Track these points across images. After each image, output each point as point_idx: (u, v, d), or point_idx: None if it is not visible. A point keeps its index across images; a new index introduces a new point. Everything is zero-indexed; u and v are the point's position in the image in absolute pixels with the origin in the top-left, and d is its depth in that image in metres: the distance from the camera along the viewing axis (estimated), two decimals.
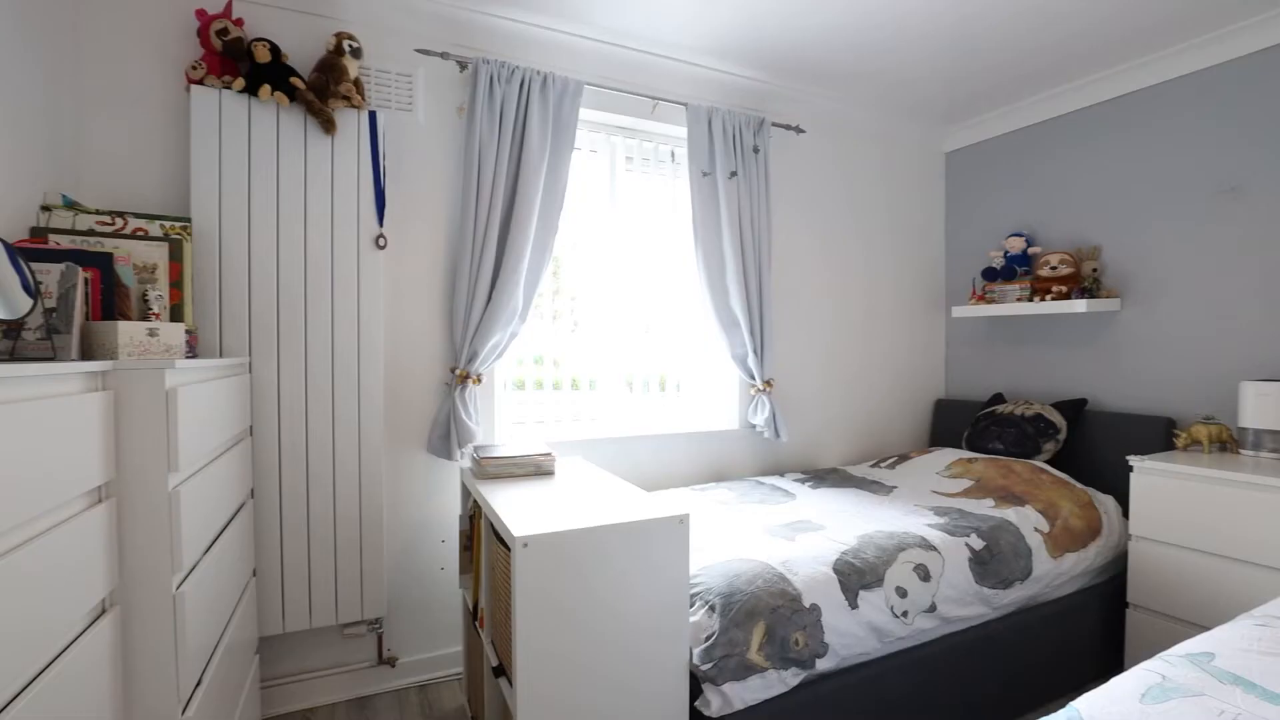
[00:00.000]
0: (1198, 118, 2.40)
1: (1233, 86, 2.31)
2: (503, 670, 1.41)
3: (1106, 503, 2.28)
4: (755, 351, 2.59)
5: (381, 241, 1.98)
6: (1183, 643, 1.23)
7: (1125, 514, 2.24)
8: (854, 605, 1.59)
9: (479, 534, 1.68)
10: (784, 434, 2.63)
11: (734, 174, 2.54)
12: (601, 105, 2.43)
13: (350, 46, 1.91)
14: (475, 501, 1.72)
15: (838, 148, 3.03)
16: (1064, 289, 2.65)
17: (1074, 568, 2.07)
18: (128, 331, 1.16)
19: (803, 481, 2.49)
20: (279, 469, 1.85)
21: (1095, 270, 2.67)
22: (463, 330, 2.12)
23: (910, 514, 2.06)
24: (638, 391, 2.64)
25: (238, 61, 1.83)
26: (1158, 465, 2.09)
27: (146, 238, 1.56)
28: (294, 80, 1.83)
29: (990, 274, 2.95)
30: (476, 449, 1.87)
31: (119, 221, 1.58)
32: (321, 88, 1.88)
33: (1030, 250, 2.88)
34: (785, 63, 2.56)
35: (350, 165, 1.93)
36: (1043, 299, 2.70)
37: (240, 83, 1.78)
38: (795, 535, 1.82)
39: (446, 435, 2.10)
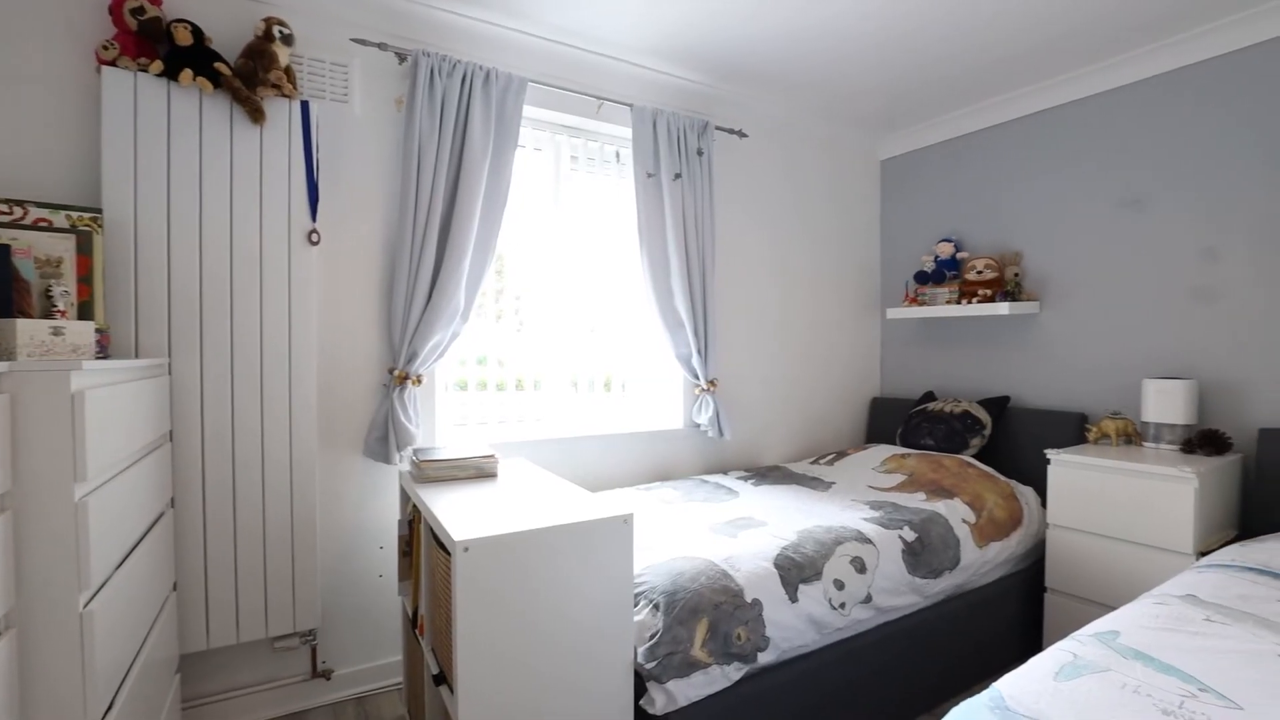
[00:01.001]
0: (1106, 135, 2.58)
1: (1137, 107, 2.49)
2: (444, 678, 1.38)
3: (1027, 494, 2.42)
4: (699, 352, 2.62)
5: (315, 237, 1.90)
6: (1092, 623, 1.32)
7: (1044, 504, 2.39)
8: (794, 599, 1.63)
9: (418, 539, 1.64)
10: (728, 433, 2.68)
11: (678, 176, 2.57)
12: (546, 103, 2.41)
13: (281, 32, 1.83)
14: (414, 506, 1.68)
15: (779, 152, 3.10)
16: (989, 292, 2.80)
17: (998, 556, 2.19)
18: (28, 330, 1.08)
19: (746, 479, 2.54)
20: (202, 476, 1.75)
21: (1017, 275, 2.83)
22: (402, 330, 2.06)
23: (848, 509, 2.13)
24: (583, 392, 2.63)
25: (155, 43, 1.72)
26: (1071, 458, 2.23)
27: (50, 229, 1.45)
28: (219, 66, 1.74)
29: (922, 277, 3.09)
30: (416, 452, 1.82)
31: (18, 211, 1.46)
32: (249, 75, 1.79)
33: (959, 255, 3.02)
34: (729, 67, 2.61)
35: (281, 157, 1.84)
36: (969, 301, 2.84)
37: (158, 65, 1.68)
38: (738, 532, 1.85)
39: (384, 438, 2.04)
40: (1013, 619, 2.26)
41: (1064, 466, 2.25)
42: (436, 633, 1.45)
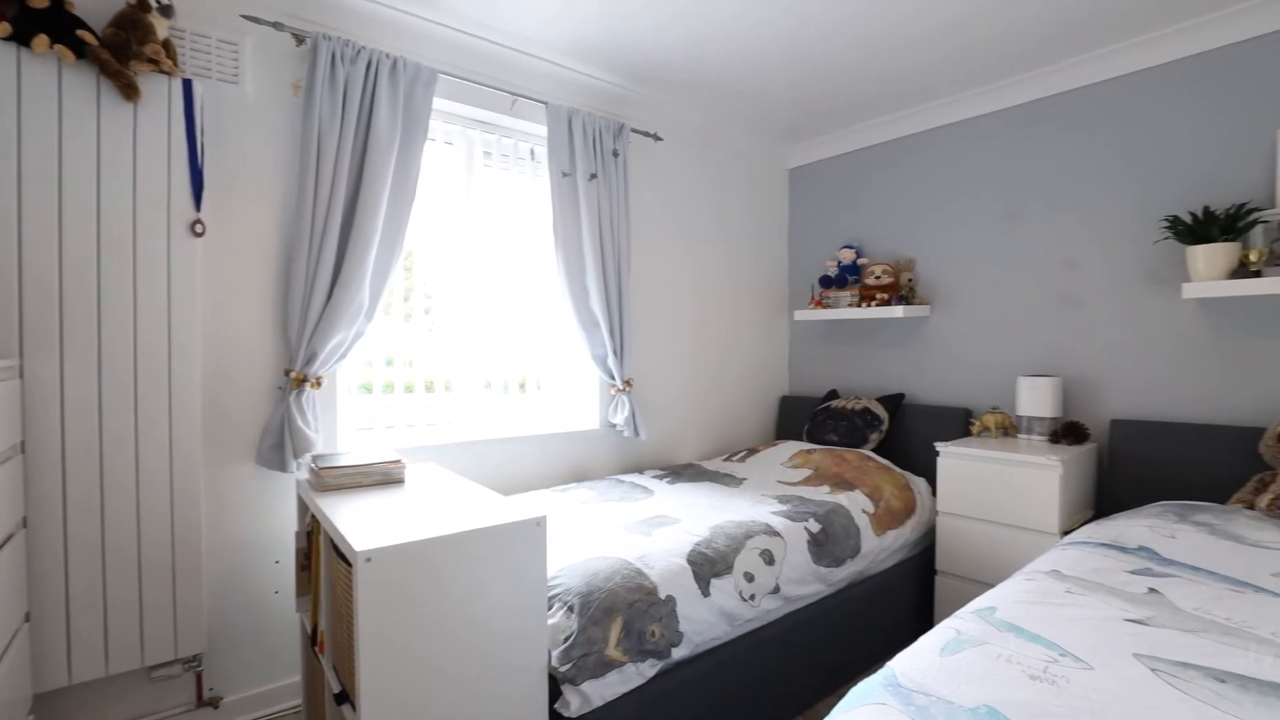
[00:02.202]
0: (989, 153, 2.82)
1: (1014, 129, 2.74)
2: (346, 696, 1.31)
3: (919, 484, 2.61)
4: (615, 352, 2.63)
5: (199, 228, 1.75)
6: (974, 600, 1.43)
7: (934, 493, 2.57)
8: (706, 593, 1.67)
9: (318, 551, 1.55)
10: (643, 432, 2.70)
11: (594, 176, 2.57)
12: (458, 96, 2.34)
13: (158, 2, 1.67)
14: (313, 516, 1.58)
15: (694, 157, 3.17)
16: (886, 296, 2.98)
17: (894, 543, 2.34)
18: None
19: (661, 478, 2.58)
20: (63, 491, 1.57)
21: (911, 280, 3.04)
22: (299, 329, 1.93)
23: (758, 503, 2.21)
24: (496, 393, 2.58)
25: (2, 3, 1.53)
26: (956, 450, 2.43)
27: None
28: (83, 34, 1.57)
29: (826, 281, 3.26)
30: (315, 458, 1.71)
31: None
32: (120, 46, 1.62)
33: (859, 261, 3.21)
34: (644, 71, 2.64)
35: (158, 139, 1.68)
36: (869, 305, 3.02)
37: (5, 28, 1.49)
38: (652, 530, 1.88)
39: (280, 444, 1.91)
40: (908, 601, 2.42)
41: (951, 458, 2.44)
42: (338, 649, 1.38)
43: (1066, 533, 2.14)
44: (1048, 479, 2.18)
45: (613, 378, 2.67)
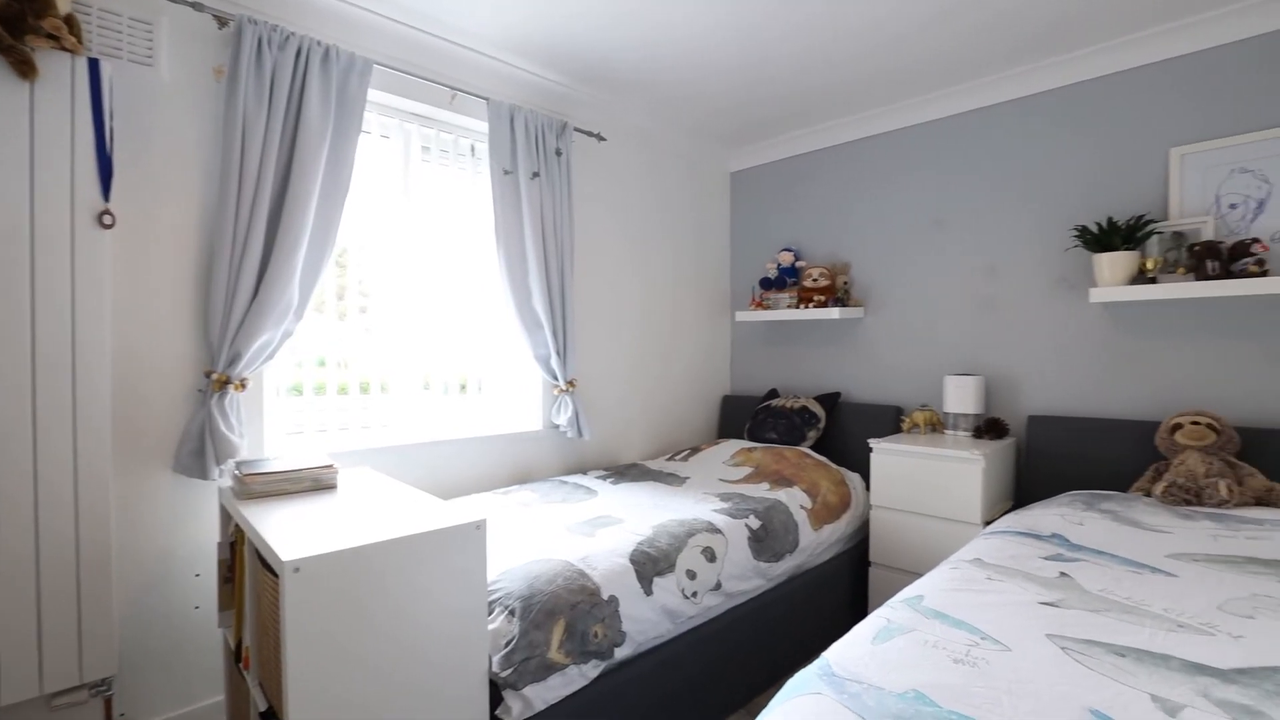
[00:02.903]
0: (918, 162, 2.95)
1: (939, 140, 2.88)
2: (274, 714, 1.25)
3: (854, 479, 2.70)
4: (558, 353, 2.61)
5: (107, 219, 1.63)
6: (903, 590, 1.50)
7: (868, 487, 2.67)
8: (649, 592, 1.68)
9: (242, 562, 1.47)
10: (587, 433, 2.70)
11: (536, 175, 2.54)
12: (395, 89, 2.27)
13: None
14: (237, 525, 1.50)
15: (637, 158, 3.18)
16: (823, 298, 3.08)
17: (830, 536, 2.42)
18: None
19: (604, 478, 2.58)
20: None
21: (846, 283, 3.15)
22: (222, 328, 1.83)
23: (700, 502, 2.24)
24: (436, 394, 2.51)
25: None
26: (888, 446, 2.53)
27: None
28: None
29: (766, 283, 3.33)
30: (240, 465, 1.63)
31: None
32: (15, 19, 1.49)
33: (798, 264, 3.30)
34: (588, 71, 2.63)
35: (60, 122, 1.56)
36: (807, 306, 3.11)
37: None
38: (595, 531, 1.87)
39: (200, 451, 1.80)
40: (844, 592, 2.51)
41: (883, 454, 2.54)
42: (264, 665, 1.31)
43: (988, 522, 2.27)
44: (971, 472, 2.30)
45: (556, 378, 2.65)
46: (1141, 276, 2.24)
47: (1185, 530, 1.76)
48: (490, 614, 1.47)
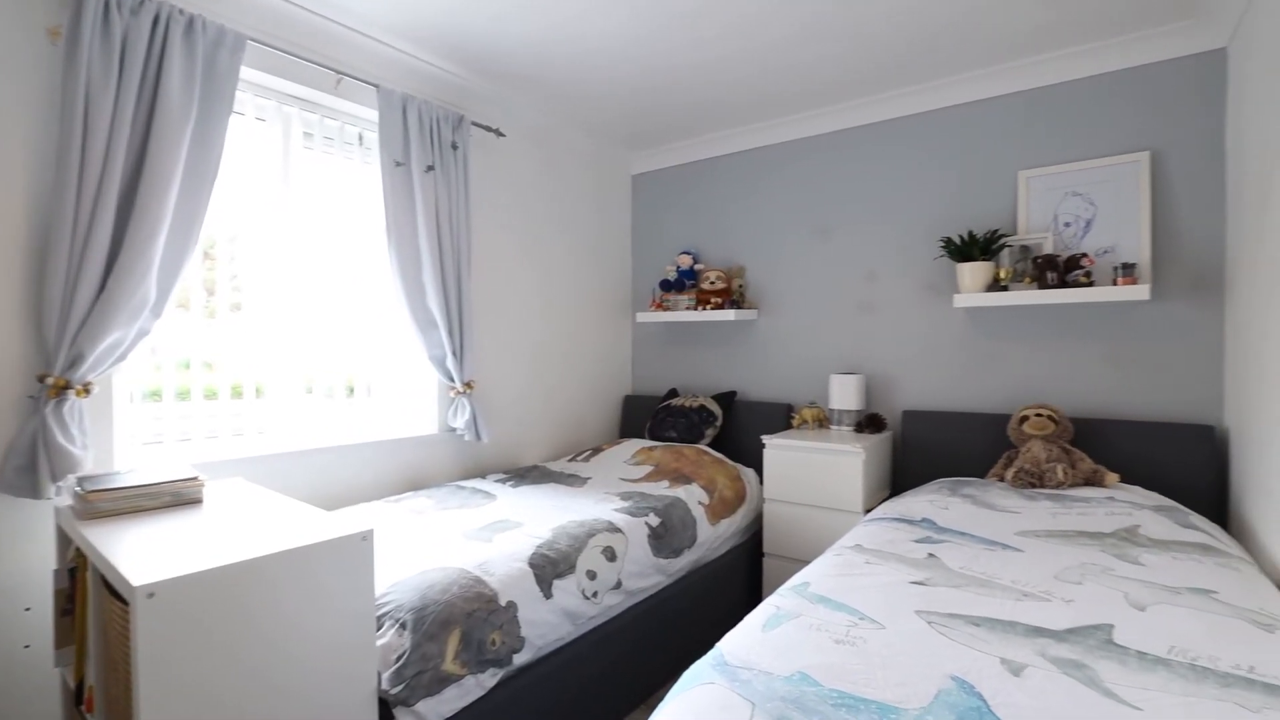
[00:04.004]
0: (805, 173, 3.12)
1: (825, 153, 3.06)
2: None
3: (749, 474, 2.82)
4: (455, 353, 2.52)
5: None
6: (792, 578, 1.58)
7: (761, 482, 2.79)
8: (549, 595, 1.67)
9: (84, 591, 1.30)
10: (485, 435, 2.63)
11: (431, 168, 2.44)
12: (273, 69, 2.10)
13: None
14: (78, 549, 1.33)
15: (538, 156, 3.14)
16: (720, 301, 3.19)
17: (727, 530, 2.51)
18: None
19: (504, 481, 2.52)
20: None
21: (741, 286, 3.28)
22: (60, 325, 1.61)
23: (601, 502, 2.25)
24: (320, 398, 2.36)
25: None
26: (780, 441, 2.66)
27: None
28: None
29: (666, 285, 3.40)
30: (82, 480, 1.44)
31: None
32: None
33: (696, 267, 3.40)
34: (486, 64, 2.57)
35: None
36: (704, 308, 3.21)
37: None
38: (493, 536, 1.83)
39: (31, 466, 1.57)
40: (740, 583, 2.61)
41: (775, 449, 2.67)
42: (111, 705, 1.17)
43: (868, 510, 2.44)
44: (853, 464, 2.46)
45: (452, 379, 2.56)
46: (996, 284, 2.50)
47: (1030, 510, 1.98)
48: (379, 629, 1.40)
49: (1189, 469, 2.18)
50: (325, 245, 2.36)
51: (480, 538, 1.82)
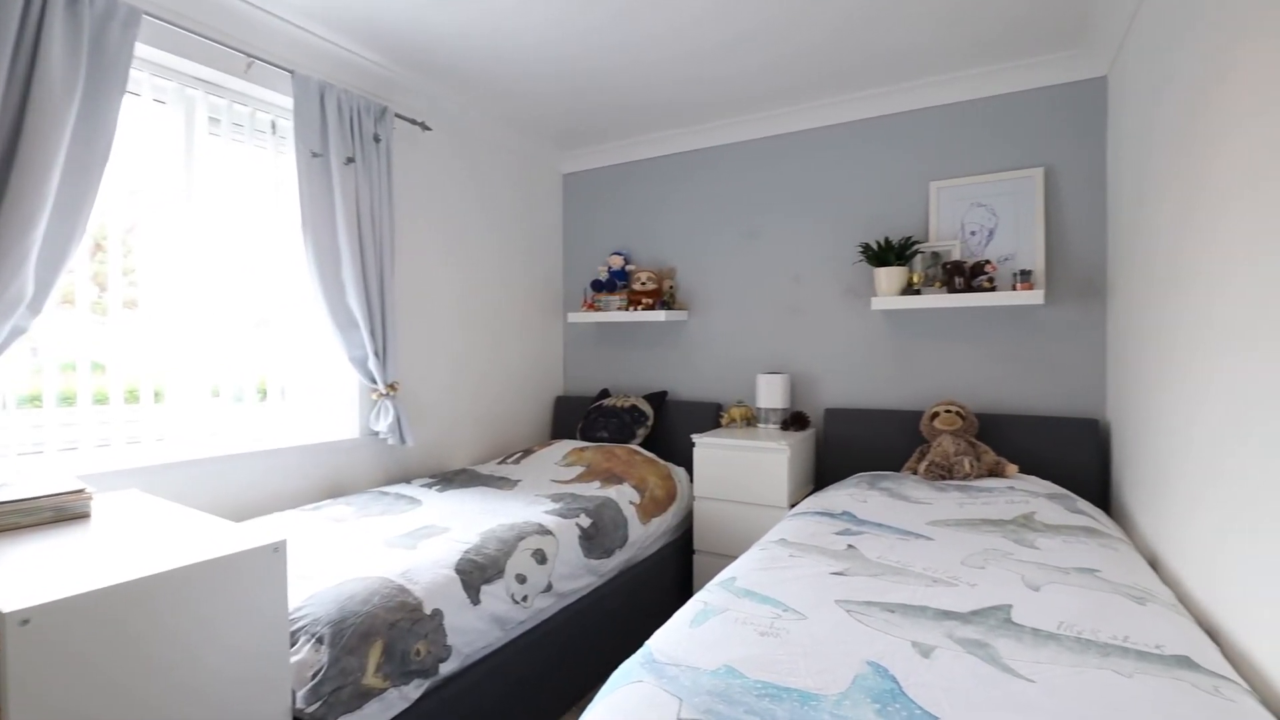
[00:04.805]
0: (735, 178, 3.20)
1: (754, 158, 3.15)
2: None
3: (679, 473, 2.86)
4: (377, 354, 2.43)
5: None
6: (720, 573, 1.62)
7: (692, 480, 2.84)
8: (476, 601, 1.63)
9: None
10: (410, 439, 2.54)
11: (351, 160, 2.34)
12: (174, 48, 1.96)
13: None
14: None
15: (466, 151, 3.07)
16: (651, 301, 3.21)
17: (658, 529, 2.53)
18: None
19: (430, 486, 2.45)
20: None
21: (672, 287, 3.32)
22: None
23: (531, 504, 2.22)
24: (228, 402, 2.21)
25: None
26: (709, 440, 2.71)
27: None
28: None
29: (597, 285, 3.40)
30: None
31: None
32: None
33: (628, 267, 3.41)
34: (410, 55, 2.48)
35: None
36: (636, 309, 3.23)
37: None
38: (418, 543, 1.77)
39: None
40: (671, 581, 2.64)
41: (704, 447, 2.72)
42: None
43: (793, 505, 2.52)
44: (778, 461, 2.54)
45: (375, 381, 2.46)
46: (910, 288, 2.64)
47: (941, 500, 2.11)
48: (294, 645, 1.33)
49: (1078, 459, 2.38)
50: (235, 238, 2.22)
51: (404, 545, 1.76)
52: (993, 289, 2.48)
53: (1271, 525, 1.09)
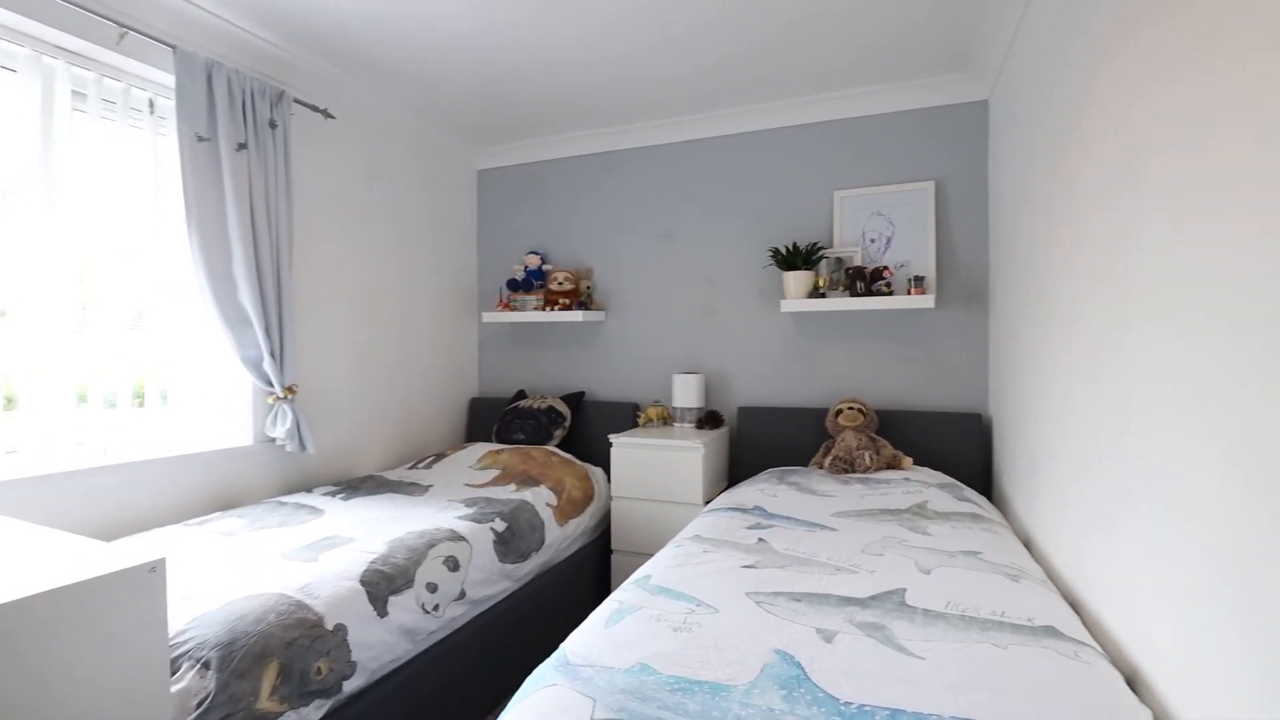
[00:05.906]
0: (651, 180, 3.23)
1: (670, 161, 3.20)
2: None
3: (597, 473, 2.86)
4: (273, 355, 2.27)
5: None
6: (635, 572, 1.63)
7: (609, 480, 2.84)
8: (384, 613, 1.56)
9: None
10: (310, 445, 2.39)
11: (243, 146, 2.18)
12: (27, 10, 1.75)
13: None
14: None
15: (373, 143, 2.93)
16: (568, 301, 3.20)
17: (575, 530, 2.52)
18: None
19: (334, 494, 2.32)
20: None
21: (589, 287, 3.31)
22: None
23: (443, 510, 2.15)
24: (97, 408, 2.00)
25: None
26: (626, 440, 2.73)
27: None
28: None
29: (513, 285, 3.34)
30: None
31: None
32: None
33: (545, 267, 3.37)
34: (313, 37, 2.34)
35: None
36: (553, 309, 3.20)
37: None
38: (319, 555, 1.67)
39: None
40: (589, 582, 2.63)
41: (621, 447, 2.73)
42: None
43: (708, 502, 2.58)
44: (693, 459, 2.60)
45: (270, 384, 2.30)
46: (816, 291, 2.77)
47: (844, 493, 2.22)
48: (176, 673, 1.22)
49: (964, 451, 2.58)
50: (105, 226, 2.01)
51: (303, 558, 1.65)
52: (890, 293, 2.64)
53: (1126, 511, 1.23)
